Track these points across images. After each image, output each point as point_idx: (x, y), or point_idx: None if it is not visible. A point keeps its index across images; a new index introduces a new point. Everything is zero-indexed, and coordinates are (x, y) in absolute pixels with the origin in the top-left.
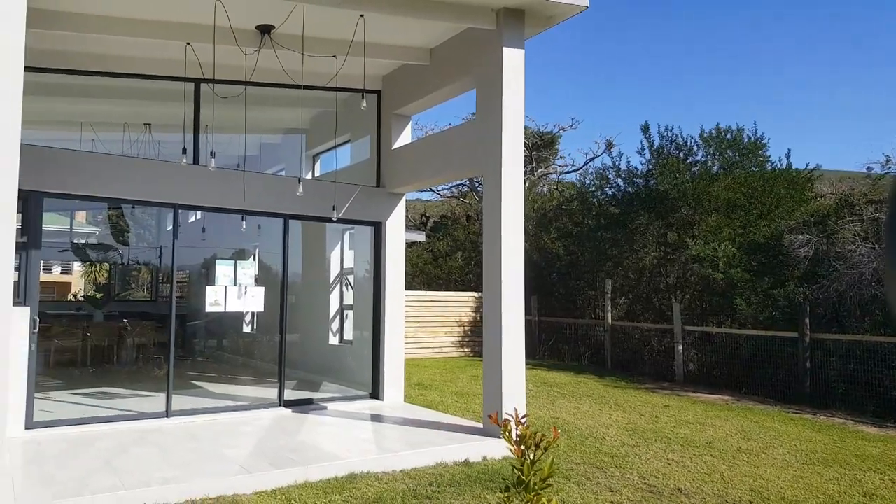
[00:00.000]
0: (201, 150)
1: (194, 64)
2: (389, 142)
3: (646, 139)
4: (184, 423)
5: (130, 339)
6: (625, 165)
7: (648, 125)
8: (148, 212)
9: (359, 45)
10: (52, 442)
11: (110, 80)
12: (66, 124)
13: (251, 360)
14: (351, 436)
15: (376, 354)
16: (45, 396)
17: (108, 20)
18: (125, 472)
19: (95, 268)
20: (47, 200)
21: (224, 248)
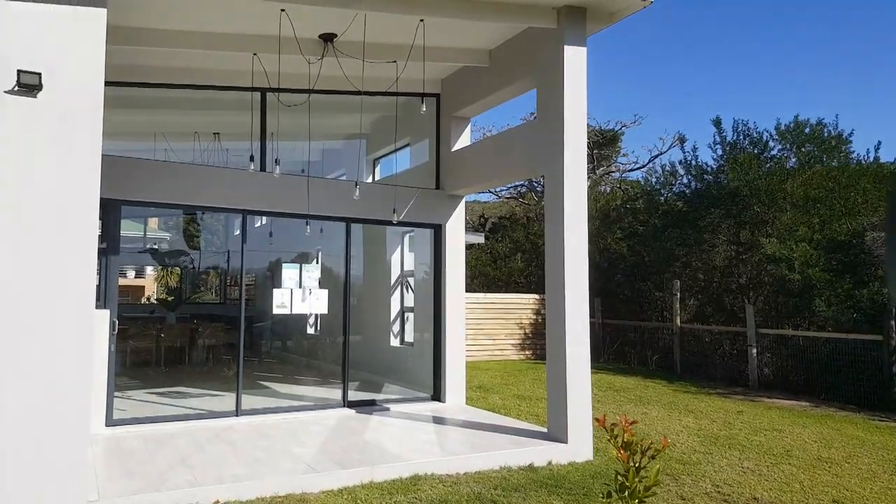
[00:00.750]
0: (267, 158)
1: (260, 74)
2: (448, 144)
3: (718, 134)
4: (253, 422)
5: (201, 340)
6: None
7: (720, 119)
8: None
9: (418, 50)
10: (130, 438)
11: (182, 92)
12: (142, 135)
13: (314, 360)
14: (414, 437)
15: (437, 357)
16: (123, 395)
17: (181, 34)
18: (200, 469)
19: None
20: (125, 208)
21: (287, 252)
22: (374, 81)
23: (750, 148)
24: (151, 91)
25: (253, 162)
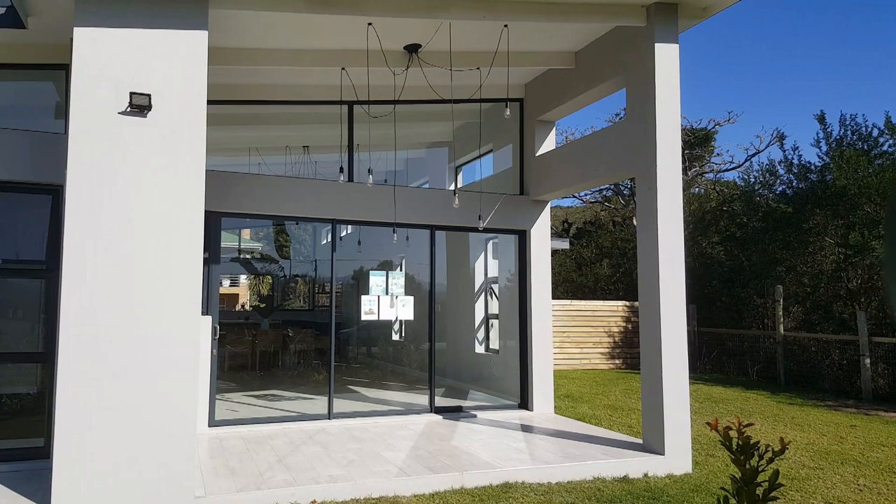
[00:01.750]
0: (355, 168)
1: (348, 87)
2: (533, 149)
3: (822, 129)
4: (345, 425)
5: (292, 345)
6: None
7: (824, 114)
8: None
9: (502, 56)
10: (231, 439)
11: (274, 108)
12: (237, 150)
13: (399, 366)
14: (503, 445)
15: (524, 364)
16: (223, 397)
17: (273, 53)
18: (297, 469)
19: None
20: (224, 220)
21: (371, 260)
22: (458, 89)
23: (858, 144)
24: (245, 108)
25: (342, 173)
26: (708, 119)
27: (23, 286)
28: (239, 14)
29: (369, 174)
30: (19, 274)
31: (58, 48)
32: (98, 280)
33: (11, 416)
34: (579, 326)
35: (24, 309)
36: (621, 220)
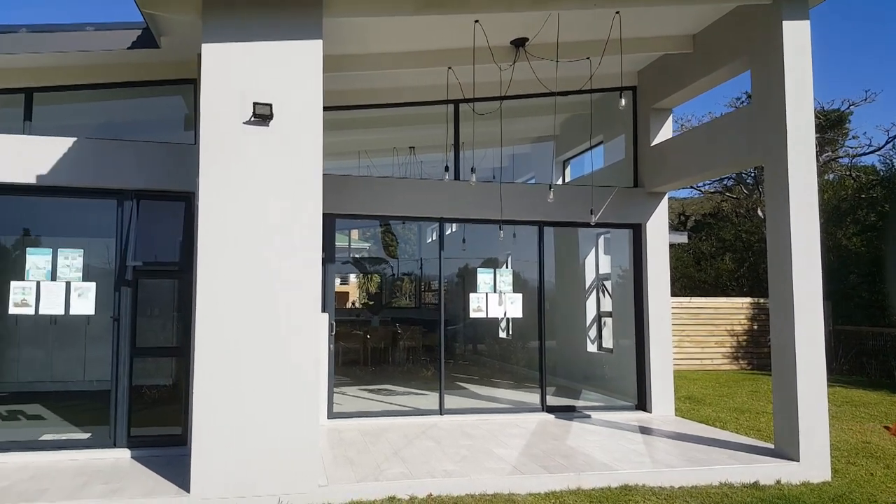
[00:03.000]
0: (461, 167)
1: (454, 86)
2: (647, 138)
3: None
4: (456, 421)
5: (402, 342)
6: None
7: None
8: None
9: (614, 44)
10: (348, 431)
11: (381, 111)
12: (347, 154)
13: (507, 364)
14: (620, 446)
15: (641, 364)
16: (339, 391)
17: (381, 57)
18: (412, 462)
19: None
20: (337, 221)
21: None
22: (565, 81)
23: None
24: (354, 112)
25: (448, 172)
26: (841, 99)
27: (159, 286)
28: (347, 21)
29: (472, 173)
30: (156, 275)
31: (187, 64)
32: (227, 280)
33: (150, 405)
34: (700, 325)
35: (159, 307)
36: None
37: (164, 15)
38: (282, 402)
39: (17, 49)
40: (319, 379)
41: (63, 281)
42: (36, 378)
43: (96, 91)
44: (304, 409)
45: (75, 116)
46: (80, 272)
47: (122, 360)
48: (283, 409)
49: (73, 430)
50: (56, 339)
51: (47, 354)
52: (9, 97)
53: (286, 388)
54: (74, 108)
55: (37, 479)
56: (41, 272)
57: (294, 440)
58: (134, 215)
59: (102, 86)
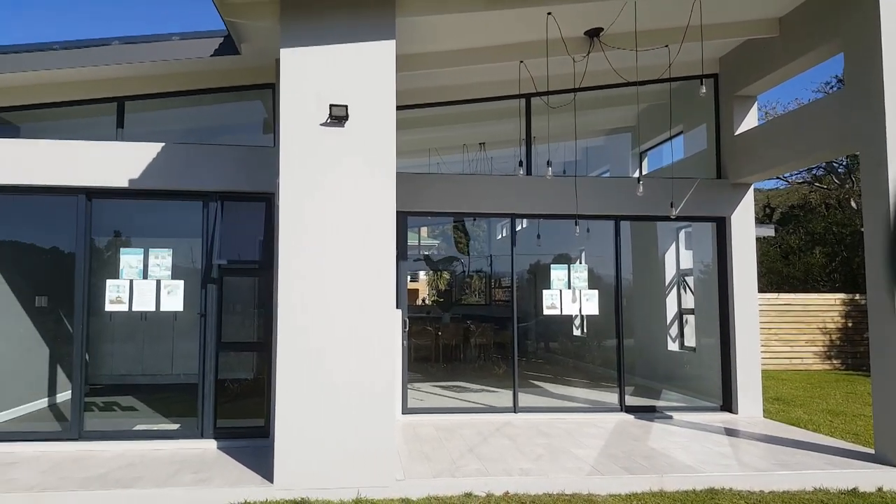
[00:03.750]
0: (533, 162)
1: (525, 80)
2: (731, 127)
3: None
4: (531, 420)
5: (473, 339)
6: None
7: None
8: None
9: (694, 30)
10: (423, 426)
11: (450, 108)
12: (417, 152)
13: (581, 362)
14: (705, 448)
15: (726, 363)
16: (411, 387)
17: (451, 54)
18: (488, 460)
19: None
20: (409, 219)
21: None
22: (642, 70)
23: None
24: (423, 110)
25: (522, 167)
26: None
27: (240, 283)
28: (419, 20)
29: (548, 166)
30: (239, 273)
31: (265, 70)
32: (306, 277)
33: (233, 398)
34: (788, 322)
35: (241, 304)
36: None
37: (244, 22)
38: (359, 396)
39: (110, 60)
40: (395, 374)
41: (154, 279)
42: (127, 371)
43: (181, 98)
44: (381, 404)
45: (162, 123)
46: (169, 271)
47: (209, 354)
48: (360, 403)
49: (163, 421)
50: (146, 335)
51: (138, 349)
52: (103, 106)
53: (364, 383)
54: (161, 114)
55: (132, 467)
56: (134, 271)
57: (372, 434)
58: (218, 216)
59: (187, 93)
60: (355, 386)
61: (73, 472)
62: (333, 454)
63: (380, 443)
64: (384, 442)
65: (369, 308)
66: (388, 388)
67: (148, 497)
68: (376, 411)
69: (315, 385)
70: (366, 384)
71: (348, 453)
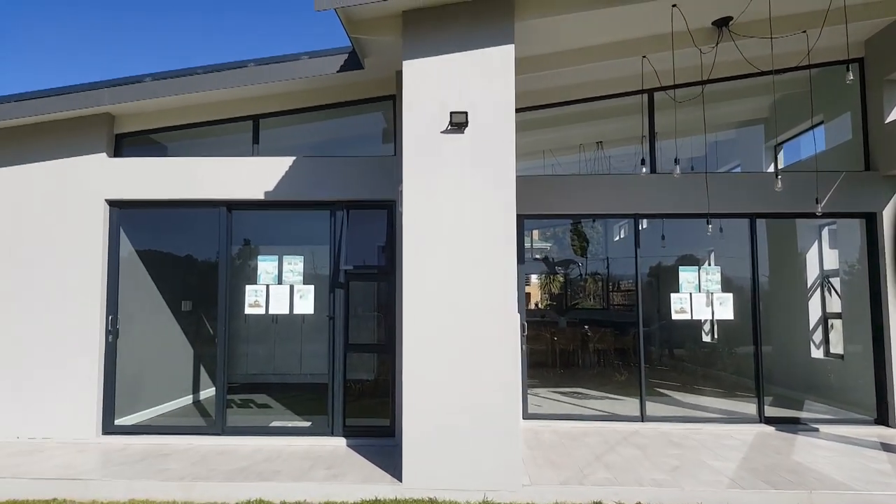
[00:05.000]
0: (657, 159)
1: (648, 75)
2: (880, 115)
3: None
4: (660, 429)
5: (591, 344)
6: None
7: None
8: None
9: (836, 12)
10: (545, 432)
11: (567, 108)
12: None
13: (712, 370)
14: (859, 464)
15: (881, 372)
16: (530, 393)
17: (570, 54)
18: (617, 469)
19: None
20: (526, 221)
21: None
22: (776, 58)
23: None
24: (538, 112)
25: (645, 165)
26: None
27: (363, 288)
28: (537, 23)
29: (676, 164)
30: (363, 278)
31: (386, 82)
32: (430, 281)
33: (356, 398)
34: None
35: (363, 307)
36: None
37: (368, 38)
38: (483, 400)
39: (248, 81)
40: (517, 379)
41: (287, 284)
42: (259, 371)
43: (309, 113)
44: (506, 409)
45: (292, 138)
46: (300, 276)
47: (338, 355)
48: (485, 407)
49: (295, 418)
50: (276, 336)
51: (269, 350)
52: (240, 124)
53: (487, 386)
54: (291, 130)
55: (270, 461)
56: (270, 276)
57: (498, 439)
58: (344, 224)
59: (314, 108)
60: (479, 389)
61: (219, 464)
62: (460, 457)
63: (506, 447)
64: (510, 447)
65: (491, 312)
66: (514, 393)
67: (287, 490)
68: (500, 416)
69: (439, 388)
70: (489, 388)
71: (474, 457)
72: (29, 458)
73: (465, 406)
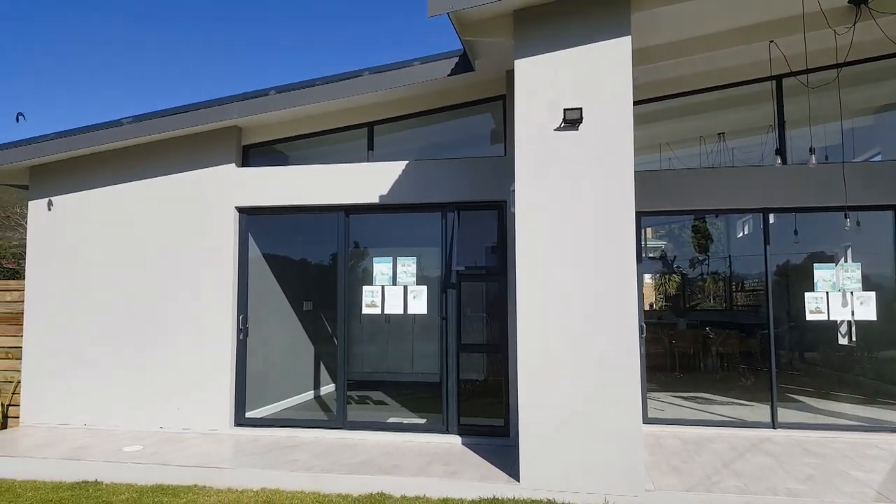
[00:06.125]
0: (787, 149)
1: (776, 60)
2: None
3: None
4: (793, 437)
5: (713, 347)
6: None
7: None
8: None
9: None
10: (666, 437)
11: (686, 99)
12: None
13: (849, 375)
14: None
15: None
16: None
17: (690, 42)
18: (747, 477)
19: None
20: (643, 219)
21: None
22: None
23: None
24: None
25: (778, 155)
26: None
27: (472, 288)
28: (655, 12)
29: (811, 154)
30: (474, 278)
31: (495, 82)
32: (544, 282)
33: (467, 397)
34: None
35: (472, 307)
36: None
37: (479, 40)
38: (602, 400)
39: (364, 90)
40: (637, 380)
41: (401, 285)
42: (373, 369)
43: (419, 118)
44: (627, 412)
45: (403, 142)
46: (414, 277)
47: (451, 354)
48: (604, 410)
49: (410, 415)
50: (388, 336)
51: (382, 349)
52: (356, 132)
53: (606, 387)
54: (402, 135)
55: (389, 456)
56: (385, 277)
57: (619, 442)
58: (455, 225)
59: (425, 113)
60: (598, 392)
61: (342, 456)
62: (579, 459)
63: (627, 450)
64: (632, 449)
65: (609, 312)
66: (632, 396)
67: (406, 484)
68: (621, 419)
69: (556, 390)
70: (608, 391)
71: (594, 459)
72: (171, 447)
73: (583, 406)
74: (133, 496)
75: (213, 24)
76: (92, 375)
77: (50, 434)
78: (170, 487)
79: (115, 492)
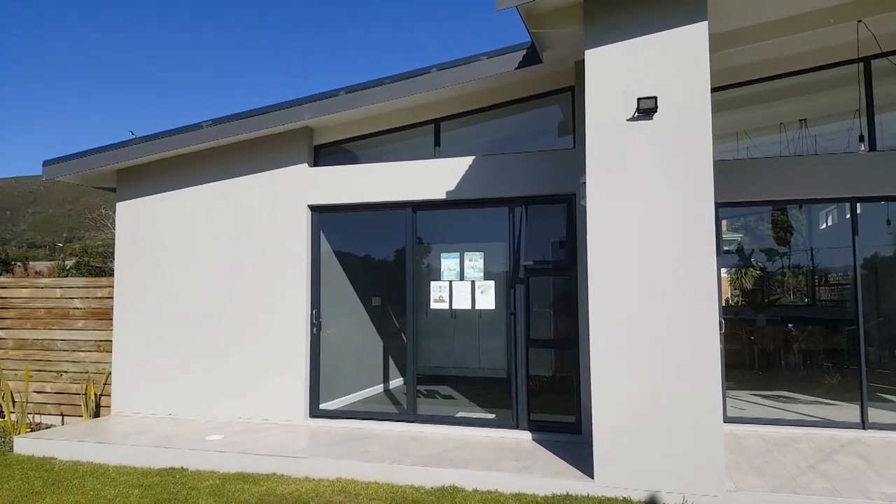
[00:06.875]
0: (876, 135)
1: (864, 41)
2: None
3: None
4: (886, 438)
5: (795, 344)
6: None
7: None
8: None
9: None
10: (747, 437)
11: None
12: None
13: None
14: None
15: None
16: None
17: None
18: (836, 479)
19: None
20: (721, 210)
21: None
22: None
23: None
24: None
25: (863, 142)
26: None
27: (540, 283)
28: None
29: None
30: (542, 273)
31: (563, 74)
32: (618, 277)
33: (535, 393)
34: None
35: (539, 302)
36: None
37: (548, 31)
38: (681, 397)
39: (431, 87)
40: (717, 376)
41: (469, 280)
42: (440, 364)
43: (485, 112)
44: (707, 410)
45: (469, 137)
46: (481, 272)
47: (520, 350)
48: (683, 408)
49: (479, 410)
50: (455, 331)
51: (448, 344)
52: (423, 129)
53: (684, 383)
54: (468, 130)
55: (460, 450)
56: (452, 273)
57: (696, 438)
58: (522, 219)
59: (491, 107)
60: (677, 386)
61: (413, 449)
62: (656, 456)
63: (707, 448)
64: (712, 448)
65: (686, 306)
66: (713, 393)
67: (479, 478)
68: (701, 417)
69: (630, 386)
70: (687, 388)
71: (672, 458)
72: (250, 437)
73: (660, 403)
74: (217, 482)
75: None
76: (175, 367)
77: (138, 423)
78: (250, 475)
79: (199, 478)
